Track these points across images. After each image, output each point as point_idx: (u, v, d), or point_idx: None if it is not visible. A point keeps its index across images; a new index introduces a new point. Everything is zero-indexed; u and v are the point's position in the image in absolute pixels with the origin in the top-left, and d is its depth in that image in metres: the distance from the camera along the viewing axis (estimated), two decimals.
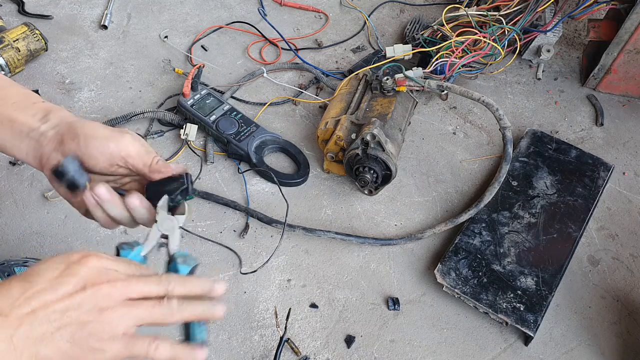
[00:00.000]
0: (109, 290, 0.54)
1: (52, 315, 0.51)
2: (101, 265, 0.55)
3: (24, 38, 1.33)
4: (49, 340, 0.51)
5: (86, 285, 0.53)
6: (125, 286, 0.55)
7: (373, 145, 1.11)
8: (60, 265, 0.54)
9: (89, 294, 0.53)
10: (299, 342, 1.01)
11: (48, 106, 0.67)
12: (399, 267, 1.12)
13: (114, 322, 0.53)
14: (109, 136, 0.65)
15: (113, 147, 0.65)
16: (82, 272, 0.54)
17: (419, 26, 1.50)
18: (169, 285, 0.57)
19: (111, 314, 0.53)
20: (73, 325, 0.52)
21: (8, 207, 1.13)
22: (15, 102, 0.66)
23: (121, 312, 0.54)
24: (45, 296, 0.52)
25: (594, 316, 1.08)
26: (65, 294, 0.52)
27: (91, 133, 0.64)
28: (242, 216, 1.17)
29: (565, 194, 1.21)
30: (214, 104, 1.29)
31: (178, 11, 1.57)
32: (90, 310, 0.52)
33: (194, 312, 0.58)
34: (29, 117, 0.66)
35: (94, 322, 0.52)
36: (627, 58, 1.36)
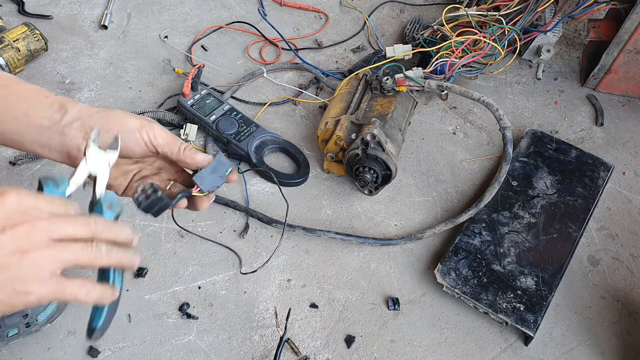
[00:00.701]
0: (31, 231, 0.50)
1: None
2: (21, 204, 0.51)
3: (24, 38, 1.33)
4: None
5: (5, 227, 0.50)
6: (49, 226, 0.51)
7: (373, 145, 1.11)
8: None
9: (9, 236, 0.49)
10: (299, 342, 1.01)
11: (61, 98, 0.67)
12: (399, 267, 1.12)
13: (38, 263, 0.50)
14: (140, 127, 0.66)
15: (145, 137, 0.66)
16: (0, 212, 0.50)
17: (419, 26, 1.50)
18: (97, 227, 0.55)
19: (35, 255, 0.50)
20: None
21: None
22: (27, 97, 0.65)
23: (46, 254, 0.51)
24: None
25: (594, 316, 1.08)
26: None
27: (124, 125, 0.65)
28: (242, 216, 1.17)
29: (565, 194, 1.21)
30: (214, 104, 1.29)
31: (178, 11, 1.57)
32: (11, 252, 0.49)
33: (120, 259, 0.56)
34: (45, 110, 0.64)
35: (16, 265, 0.49)
36: (627, 58, 1.36)
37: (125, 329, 1.00)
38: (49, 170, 1.17)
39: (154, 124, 0.67)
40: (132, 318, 1.01)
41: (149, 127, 0.66)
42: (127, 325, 1.00)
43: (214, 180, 0.70)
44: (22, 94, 0.66)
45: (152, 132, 0.66)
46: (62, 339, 0.98)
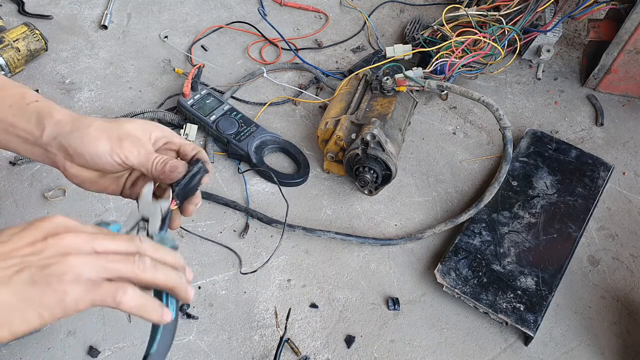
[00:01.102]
0: (73, 240, 0.50)
1: (11, 261, 0.49)
2: (68, 222, 0.52)
3: (24, 38, 1.33)
4: (6, 285, 0.47)
5: (47, 235, 0.50)
6: (91, 239, 0.51)
7: (373, 145, 1.11)
8: (24, 224, 0.52)
9: (51, 242, 0.50)
10: (299, 342, 1.01)
11: (41, 107, 0.66)
12: (399, 267, 1.12)
13: (78, 266, 0.49)
14: (110, 151, 0.64)
15: (117, 159, 0.65)
16: (43, 225, 0.51)
17: (419, 26, 1.50)
18: (142, 245, 0.53)
19: (75, 258, 0.49)
20: (33, 268, 0.48)
21: (8, 207, 1.13)
22: (12, 105, 0.66)
23: (86, 259, 0.50)
24: (5, 247, 0.49)
25: (594, 316, 1.08)
26: (25, 243, 0.50)
27: (93, 150, 0.64)
28: (242, 216, 1.17)
29: (565, 194, 1.21)
30: (214, 104, 1.29)
31: (178, 11, 1.57)
32: (51, 255, 0.49)
33: (168, 277, 0.53)
34: (26, 123, 0.65)
35: (56, 264, 0.49)
36: (627, 58, 1.36)
37: (125, 329, 1.00)
38: (48, 170, 1.17)
39: (123, 144, 0.64)
40: (132, 318, 1.01)
41: (119, 150, 0.64)
42: (127, 325, 1.00)
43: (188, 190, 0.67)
44: (7, 101, 0.66)
45: (123, 153, 0.64)
46: (62, 339, 0.98)
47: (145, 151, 0.66)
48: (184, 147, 0.70)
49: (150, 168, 0.66)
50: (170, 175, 0.66)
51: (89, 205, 1.14)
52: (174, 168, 0.66)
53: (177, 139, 0.70)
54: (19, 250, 0.49)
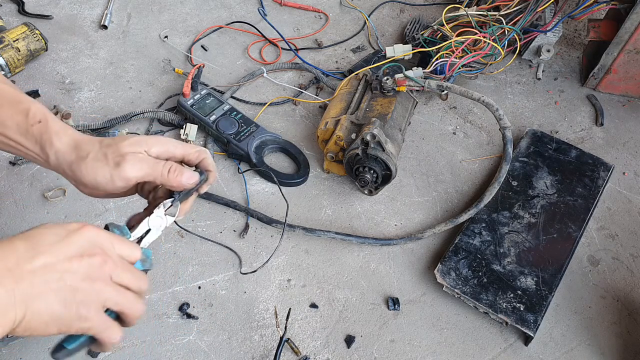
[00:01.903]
0: (102, 264, 0.57)
1: (50, 277, 0.54)
2: (98, 237, 0.58)
3: (24, 38, 1.33)
4: (43, 299, 0.53)
5: (84, 254, 0.56)
6: (114, 268, 0.58)
7: (373, 145, 1.11)
8: (60, 232, 0.56)
9: (85, 263, 0.56)
10: (299, 342, 1.01)
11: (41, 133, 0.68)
12: (399, 267, 1.12)
13: (100, 296, 0.57)
14: (111, 177, 0.66)
15: (119, 182, 0.66)
16: (80, 241, 0.56)
17: (419, 26, 1.50)
18: (144, 287, 0.62)
19: (100, 288, 0.57)
20: (67, 290, 0.54)
21: (8, 207, 1.13)
22: (18, 125, 0.68)
23: (107, 291, 0.57)
24: (47, 258, 0.54)
25: (594, 316, 1.08)
26: (63, 258, 0.55)
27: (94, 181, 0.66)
28: (242, 216, 1.17)
29: (565, 194, 1.21)
30: (214, 104, 1.29)
31: (178, 11, 1.57)
32: (83, 278, 0.55)
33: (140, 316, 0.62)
34: (32, 145, 0.68)
35: (85, 290, 0.55)
36: (627, 58, 1.36)
37: (125, 329, 1.00)
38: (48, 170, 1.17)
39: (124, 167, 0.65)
40: None
41: (120, 172, 0.65)
42: None
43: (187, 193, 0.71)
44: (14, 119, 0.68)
45: (125, 174, 0.66)
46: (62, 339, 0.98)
47: (147, 163, 0.67)
48: (188, 156, 0.72)
49: (159, 175, 0.67)
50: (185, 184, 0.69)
51: (88, 205, 1.14)
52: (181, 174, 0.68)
53: (179, 151, 0.71)
54: (58, 264, 0.55)
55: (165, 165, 0.68)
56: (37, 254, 0.54)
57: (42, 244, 0.55)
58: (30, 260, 0.54)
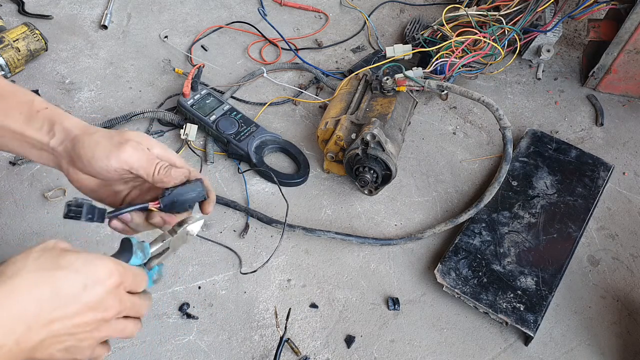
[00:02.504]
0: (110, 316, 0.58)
1: (64, 330, 0.54)
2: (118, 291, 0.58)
3: (24, 38, 1.32)
4: (47, 347, 0.54)
5: (98, 308, 0.56)
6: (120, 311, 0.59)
7: (373, 145, 1.11)
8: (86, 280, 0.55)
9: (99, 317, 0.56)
10: (299, 342, 1.01)
11: (51, 115, 0.69)
12: (399, 267, 1.12)
13: (100, 336, 0.58)
14: (109, 154, 0.66)
15: (114, 163, 0.66)
16: (99, 294, 0.56)
17: (419, 26, 1.49)
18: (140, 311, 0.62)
19: (102, 334, 0.58)
20: (72, 342, 0.56)
21: (8, 207, 1.13)
22: (22, 113, 0.68)
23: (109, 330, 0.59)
24: (66, 311, 0.54)
25: (594, 316, 1.08)
26: (79, 311, 0.55)
27: (91, 154, 0.66)
28: (242, 216, 1.17)
29: (565, 194, 1.21)
30: (214, 104, 1.29)
31: (178, 11, 1.57)
32: (90, 331, 0.56)
33: None
34: (36, 130, 0.68)
35: (87, 340, 0.57)
36: (627, 58, 1.36)
37: None
38: (48, 170, 1.17)
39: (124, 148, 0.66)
40: None
41: (118, 152, 0.66)
42: None
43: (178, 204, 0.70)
44: (17, 110, 0.69)
45: (123, 156, 0.66)
46: None
47: (147, 156, 0.68)
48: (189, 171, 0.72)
49: (153, 171, 0.68)
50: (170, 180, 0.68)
51: None
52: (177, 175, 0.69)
53: (179, 161, 0.72)
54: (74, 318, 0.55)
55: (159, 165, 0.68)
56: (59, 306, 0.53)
57: (65, 292, 0.54)
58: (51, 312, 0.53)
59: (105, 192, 0.73)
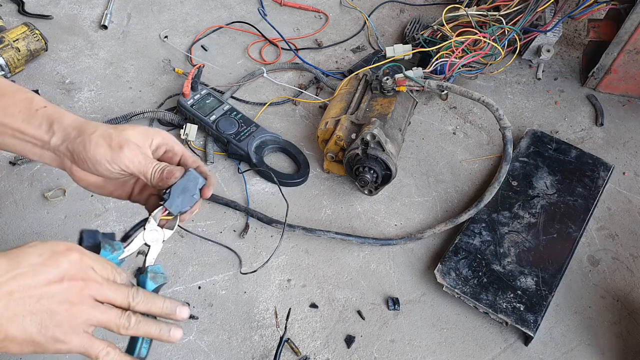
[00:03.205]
0: (82, 288, 0.57)
1: (28, 299, 0.54)
2: (82, 261, 0.58)
3: (24, 38, 1.32)
4: (19, 322, 0.54)
5: (64, 277, 0.56)
6: (97, 288, 0.58)
7: (373, 145, 1.11)
8: (45, 253, 0.56)
9: (64, 286, 0.56)
10: (299, 342, 1.01)
11: (49, 113, 0.68)
12: (399, 267, 1.12)
13: (79, 319, 0.56)
14: (110, 158, 0.66)
15: (115, 167, 0.67)
16: (62, 264, 0.56)
17: (419, 26, 1.50)
18: (134, 300, 0.61)
19: (79, 310, 0.56)
20: (44, 313, 0.54)
21: (8, 207, 1.13)
22: (20, 111, 0.68)
23: (87, 312, 0.57)
24: (26, 280, 0.54)
25: (594, 316, 1.08)
26: (43, 281, 0.55)
27: (92, 157, 0.66)
28: (242, 216, 1.17)
29: (565, 194, 1.21)
30: (214, 104, 1.29)
31: (178, 11, 1.57)
32: (62, 301, 0.55)
33: (147, 332, 0.61)
34: (36, 129, 0.68)
35: (62, 314, 0.55)
36: (627, 58, 1.36)
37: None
38: (48, 170, 1.17)
39: (122, 152, 0.66)
40: None
41: (118, 156, 0.66)
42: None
43: (185, 201, 0.69)
44: (16, 107, 0.68)
45: (123, 162, 0.66)
46: None
47: (144, 159, 0.68)
48: (185, 157, 0.72)
49: (150, 177, 0.68)
50: (167, 180, 0.68)
51: (88, 205, 1.14)
52: (171, 174, 0.68)
53: (179, 148, 0.72)
54: (37, 288, 0.55)
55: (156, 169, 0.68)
56: (17, 275, 0.54)
57: (24, 264, 0.55)
58: (9, 281, 0.53)
59: (111, 186, 0.73)
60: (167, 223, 0.69)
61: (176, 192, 0.68)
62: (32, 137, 0.68)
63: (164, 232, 0.68)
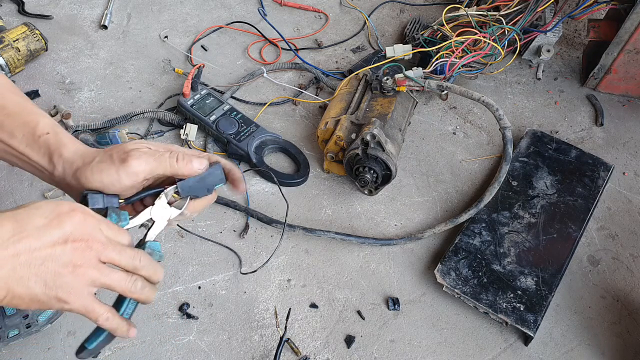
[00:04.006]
0: (85, 249, 0.58)
1: (33, 261, 0.55)
2: (85, 222, 0.59)
3: (24, 38, 1.33)
4: (24, 282, 0.55)
5: (68, 239, 0.57)
6: (101, 249, 0.59)
7: (373, 145, 1.11)
8: (49, 214, 0.57)
9: (69, 248, 0.57)
10: (299, 342, 1.01)
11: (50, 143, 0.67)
12: (399, 267, 1.12)
13: (83, 280, 0.58)
14: (118, 175, 0.65)
15: (126, 181, 0.65)
16: (67, 225, 0.57)
17: (419, 26, 1.49)
18: (140, 263, 0.62)
19: (83, 272, 0.58)
20: (48, 274, 0.56)
21: (8, 207, 1.13)
22: (24, 135, 0.67)
23: (91, 273, 0.58)
24: (31, 242, 0.55)
25: (594, 316, 1.08)
26: (47, 243, 0.56)
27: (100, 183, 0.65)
28: (242, 216, 1.17)
29: (565, 194, 1.21)
30: (214, 104, 1.29)
31: (178, 11, 1.57)
32: (65, 263, 0.57)
33: (148, 297, 0.64)
34: (39, 157, 0.67)
35: (66, 275, 0.57)
36: (627, 58, 1.36)
37: None
38: None
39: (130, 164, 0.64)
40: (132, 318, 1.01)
41: (126, 170, 0.64)
42: None
43: (198, 189, 0.68)
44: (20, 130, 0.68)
45: (132, 171, 0.65)
46: (62, 339, 0.98)
47: (152, 156, 0.66)
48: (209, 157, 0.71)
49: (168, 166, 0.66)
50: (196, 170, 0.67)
51: None
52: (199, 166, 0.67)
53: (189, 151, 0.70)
54: (42, 249, 0.56)
55: (172, 154, 0.66)
56: (22, 237, 0.55)
57: (29, 226, 0.56)
58: (15, 244, 0.55)
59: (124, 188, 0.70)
60: (176, 202, 0.67)
61: (194, 178, 0.67)
62: (36, 163, 0.67)
63: (171, 211, 0.67)
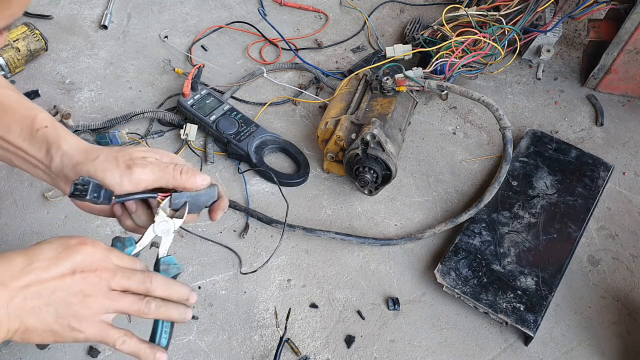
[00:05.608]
0: (95, 280, 0.59)
1: (43, 292, 0.57)
2: (94, 254, 0.60)
3: (24, 38, 1.32)
4: (37, 314, 0.57)
5: (76, 270, 0.59)
6: (110, 278, 0.60)
7: (373, 145, 1.11)
8: (58, 247, 0.59)
9: (77, 278, 0.58)
10: (299, 342, 1.01)
11: (49, 136, 0.67)
12: (399, 267, 1.12)
13: (94, 308, 0.59)
14: (121, 180, 0.65)
15: (128, 186, 0.65)
16: (75, 257, 0.59)
17: (419, 26, 1.49)
18: (152, 285, 0.63)
19: (93, 301, 0.59)
20: (59, 304, 0.58)
21: (8, 207, 1.13)
22: (22, 129, 0.68)
23: (102, 302, 0.60)
24: (40, 273, 0.57)
25: (594, 316, 1.08)
26: (56, 274, 0.58)
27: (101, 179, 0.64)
28: (242, 216, 1.17)
29: (565, 194, 1.21)
30: (214, 104, 1.29)
31: (178, 11, 1.57)
32: (75, 293, 0.58)
33: (168, 315, 0.64)
34: (36, 150, 0.68)
35: (77, 304, 0.58)
36: (627, 58, 1.36)
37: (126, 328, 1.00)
38: None
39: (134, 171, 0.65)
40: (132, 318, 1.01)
41: (129, 175, 0.65)
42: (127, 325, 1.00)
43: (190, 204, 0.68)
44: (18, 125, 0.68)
45: (134, 178, 0.65)
46: None
47: (158, 167, 0.67)
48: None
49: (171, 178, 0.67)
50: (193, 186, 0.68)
51: None
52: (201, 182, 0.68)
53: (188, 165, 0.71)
54: (51, 281, 0.57)
55: (176, 167, 0.67)
56: (32, 269, 0.56)
57: (39, 258, 0.57)
58: (25, 276, 0.56)
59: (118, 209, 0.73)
60: (177, 213, 0.68)
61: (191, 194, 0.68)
62: (33, 157, 0.67)
63: (174, 222, 0.68)
